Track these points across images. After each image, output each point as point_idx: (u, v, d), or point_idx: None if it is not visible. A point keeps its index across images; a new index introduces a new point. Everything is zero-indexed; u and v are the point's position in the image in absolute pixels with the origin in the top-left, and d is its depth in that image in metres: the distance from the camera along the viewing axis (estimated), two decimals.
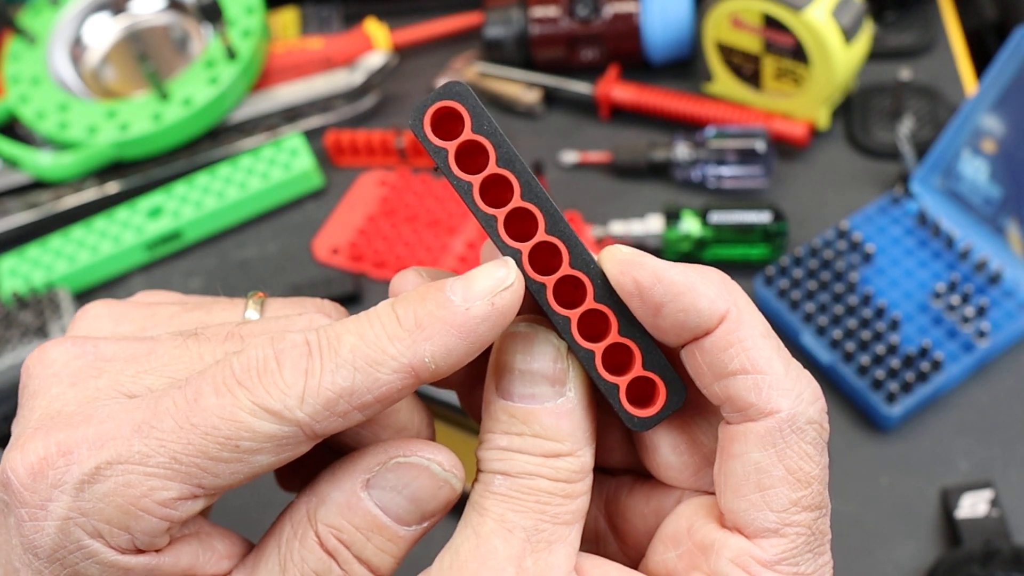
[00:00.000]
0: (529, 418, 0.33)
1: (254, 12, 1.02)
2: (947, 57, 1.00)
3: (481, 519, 0.32)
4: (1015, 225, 0.81)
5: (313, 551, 0.33)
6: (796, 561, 0.32)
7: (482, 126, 0.32)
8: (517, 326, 0.34)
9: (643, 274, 0.32)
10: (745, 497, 0.32)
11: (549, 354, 0.33)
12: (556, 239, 0.33)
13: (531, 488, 0.32)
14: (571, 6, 0.99)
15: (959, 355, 0.78)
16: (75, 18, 1.04)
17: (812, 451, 0.32)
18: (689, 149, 0.92)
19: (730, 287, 0.32)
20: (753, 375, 0.32)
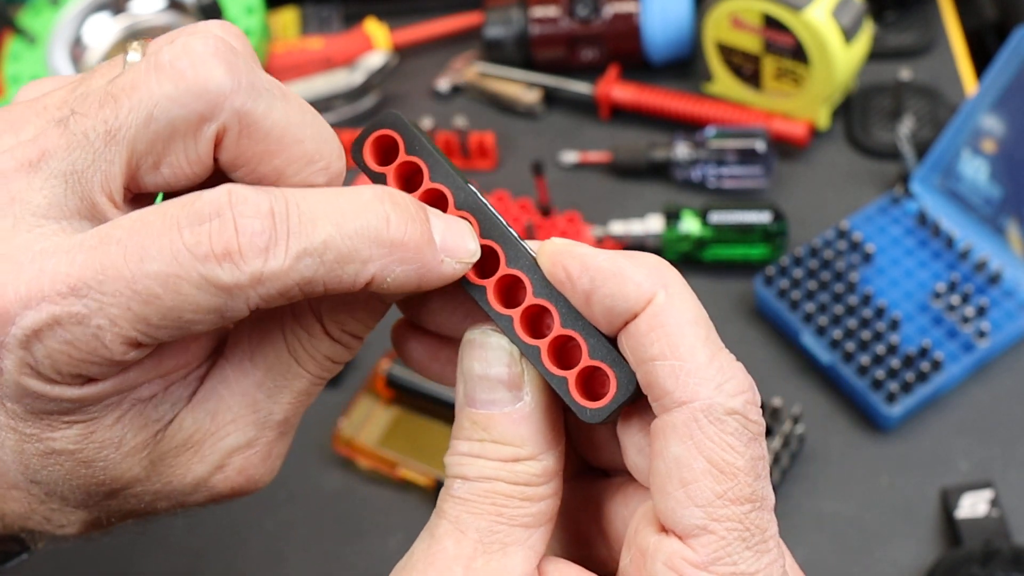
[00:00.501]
0: (488, 424, 0.33)
1: (254, 12, 1.02)
2: (947, 57, 1.00)
3: (437, 521, 0.33)
4: (1015, 225, 0.81)
5: (324, 340, 0.35)
6: (733, 560, 0.31)
7: (414, 148, 0.35)
8: (474, 333, 0.34)
9: (572, 262, 0.32)
10: (671, 495, 0.31)
11: (503, 359, 0.33)
12: (491, 242, 0.34)
13: (488, 491, 0.32)
14: (571, 6, 0.99)
15: (959, 355, 0.78)
16: (75, 18, 1.04)
17: (735, 442, 0.31)
18: (689, 149, 0.92)
19: (663, 272, 0.32)
20: (672, 361, 0.31)
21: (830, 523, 0.73)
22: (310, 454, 0.80)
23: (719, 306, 0.85)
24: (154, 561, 0.76)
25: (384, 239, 0.31)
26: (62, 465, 0.33)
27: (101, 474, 0.34)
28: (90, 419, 0.33)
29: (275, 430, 0.36)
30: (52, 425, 0.32)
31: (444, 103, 1.03)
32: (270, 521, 0.77)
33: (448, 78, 1.04)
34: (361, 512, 0.77)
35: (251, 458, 0.36)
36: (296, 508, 0.77)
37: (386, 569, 0.80)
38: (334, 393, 0.82)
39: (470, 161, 0.97)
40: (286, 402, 0.36)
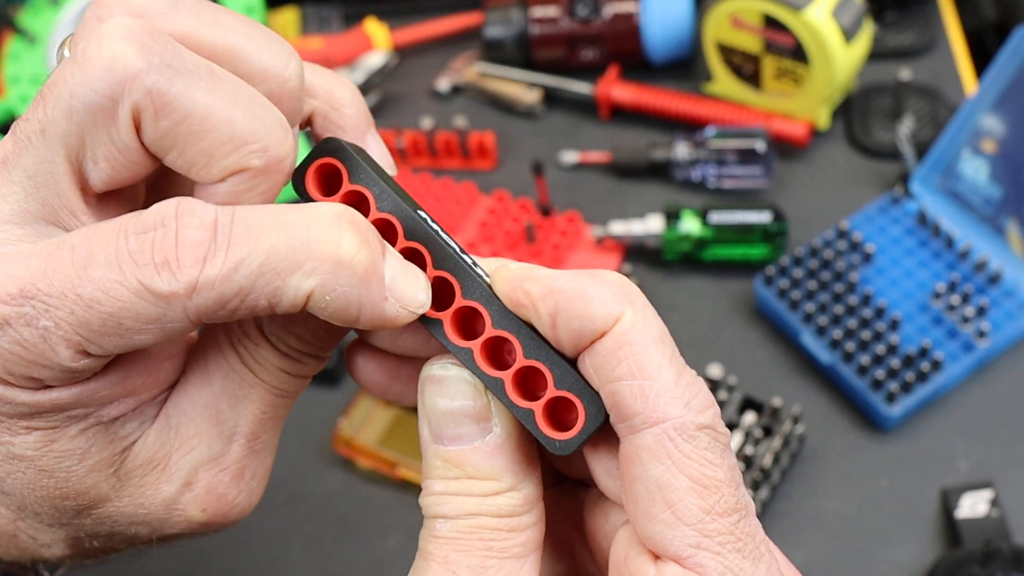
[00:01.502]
0: (460, 460, 0.32)
1: (254, 12, 1.02)
2: (947, 57, 1.00)
3: (426, 564, 0.32)
4: (1015, 225, 0.81)
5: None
6: (735, 573, 0.30)
7: (358, 176, 0.33)
8: (432, 368, 0.33)
9: (534, 287, 0.31)
10: (657, 518, 0.30)
11: (467, 392, 0.32)
12: (445, 272, 0.32)
13: (473, 527, 0.32)
14: (571, 6, 0.99)
15: (959, 355, 0.78)
16: (75, 18, 1.04)
17: (711, 456, 0.30)
18: (689, 149, 0.92)
19: (627, 290, 0.31)
20: (640, 381, 0.30)
21: (830, 523, 0.73)
22: (310, 454, 0.80)
23: (719, 306, 0.85)
24: (154, 561, 0.76)
25: (329, 255, 0.30)
26: (24, 472, 0.33)
27: (64, 486, 0.33)
28: (51, 427, 0.32)
29: (244, 446, 0.35)
30: (11, 429, 0.32)
31: (444, 103, 1.03)
32: (270, 521, 0.77)
33: (448, 78, 1.04)
34: (361, 512, 0.77)
35: (220, 476, 0.35)
36: (296, 508, 0.77)
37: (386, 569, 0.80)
38: (334, 393, 0.82)
39: (470, 161, 0.97)
40: (249, 414, 0.35)
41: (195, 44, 0.32)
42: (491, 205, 0.92)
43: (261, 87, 0.33)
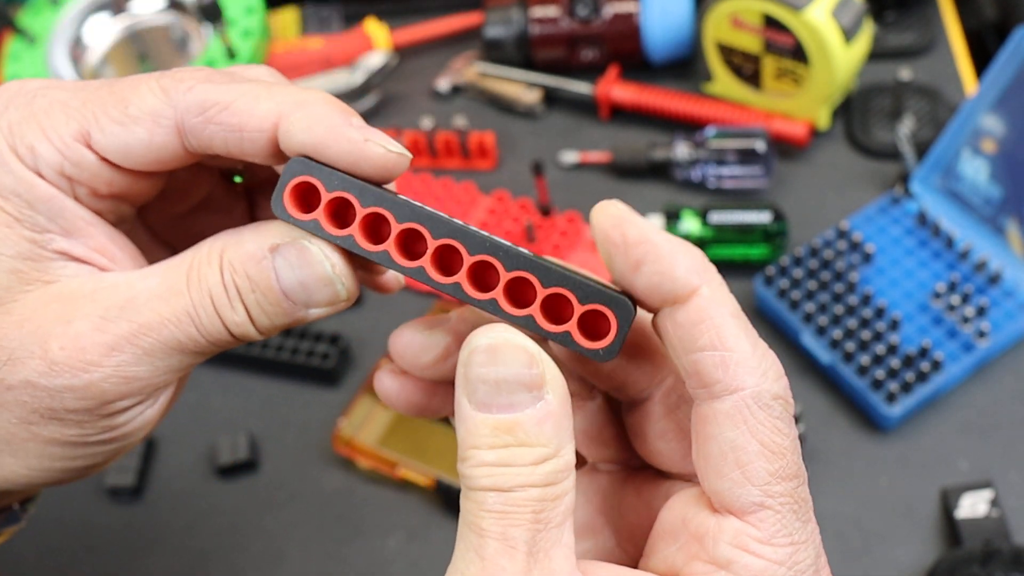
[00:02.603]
0: (514, 427, 0.32)
1: (254, 12, 1.02)
2: (947, 57, 1.00)
3: (482, 541, 0.32)
4: (1015, 225, 0.81)
5: (214, 275, 0.36)
6: (788, 532, 0.33)
7: (334, 184, 0.34)
8: (481, 338, 0.33)
9: (632, 231, 0.34)
10: (727, 476, 0.33)
11: (522, 360, 0.33)
12: (448, 239, 0.34)
13: (525, 500, 0.32)
14: (571, 6, 0.99)
15: (959, 355, 0.78)
16: (75, 18, 1.04)
17: (782, 424, 0.33)
18: (689, 149, 0.92)
19: (707, 266, 0.33)
20: (721, 352, 0.32)
21: (830, 523, 0.73)
22: (310, 454, 0.80)
23: None
24: (154, 561, 0.76)
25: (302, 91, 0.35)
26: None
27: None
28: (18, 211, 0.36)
29: (132, 330, 0.36)
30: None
31: (444, 103, 1.03)
32: (270, 521, 0.77)
33: (448, 78, 1.04)
34: (361, 512, 0.77)
35: (94, 333, 0.35)
36: (296, 508, 0.77)
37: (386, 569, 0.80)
38: (334, 393, 0.82)
39: (470, 161, 0.97)
40: (155, 312, 0.36)
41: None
42: (491, 205, 0.92)
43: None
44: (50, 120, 0.36)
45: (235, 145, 0.35)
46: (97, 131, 0.35)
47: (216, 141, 0.35)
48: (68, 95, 0.36)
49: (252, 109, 0.35)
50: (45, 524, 0.77)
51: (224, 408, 0.83)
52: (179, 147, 0.36)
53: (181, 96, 0.35)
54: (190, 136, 0.36)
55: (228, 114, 0.35)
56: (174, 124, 0.35)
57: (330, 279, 0.36)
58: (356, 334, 0.85)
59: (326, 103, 0.35)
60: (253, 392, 0.83)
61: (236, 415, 0.82)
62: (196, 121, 0.35)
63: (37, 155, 0.35)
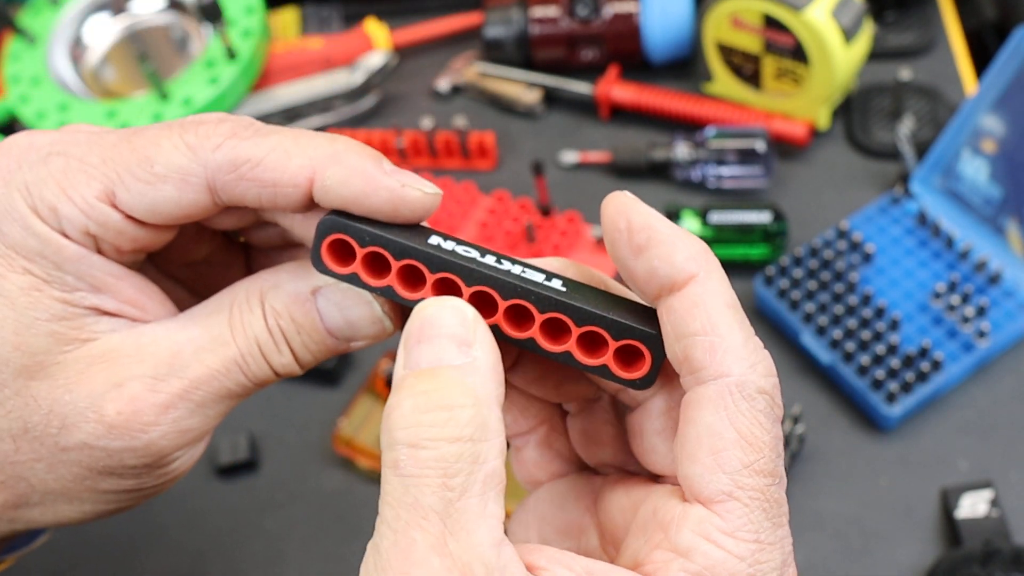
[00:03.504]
0: (434, 376, 0.32)
1: (254, 12, 1.02)
2: (947, 57, 1.00)
3: (394, 512, 0.31)
4: (1015, 225, 0.81)
5: (258, 321, 0.37)
6: (755, 528, 0.32)
7: (364, 240, 0.35)
8: (423, 306, 0.33)
9: (636, 217, 0.34)
10: (699, 461, 0.32)
11: (455, 318, 0.33)
12: (481, 287, 0.35)
13: (436, 459, 0.30)
14: (571, 6, 0.99)
15: (959, 355, 0.78)
16: (75, 18, 1.04)
17: (763, 419, 0.33)
18: (689, 149, 0.92)
19: (708, 255, 0.34)
20: (710, 337, 0.33)
21: (830, 523, 0.74)
22: (310, 454, 0.80)
23: None
24: (154, 561, 0.76)
25: (332, 144, 0.35)
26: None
27: (18, 332, 0.36)
28: (45, 278, 0.36)
29: (183, 385, 0.36)
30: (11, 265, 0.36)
31: (444, 103, 1.03)
32: (270, 521, 0.77)
33: (448, 78, 1.04)
34: (361, 512, 0.77)
35: (148, 393, 0.36)
36: (296, 508, 0.77)
37: None
38: (334, 393, 0.82)
39: (470, 161, 0.97)
40: (204, 365, 0.37)
41: None
42: (491, 205, 0.92)
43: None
44: (70, 181, 0.35)
45: (268, 200, 0.36)
46: (123, 191, 0.35)
47: (249, 196, 0.36)
48: (84, 151, 0.36)
49: (285, 165, 0.35)
50: None
51: None
52: (208, 203, 0.36)
53: (210, 155, 0.35)
54: (221, 193, 0.36)
55: (261, 170, 0.35)
56: (204, 182, 0.35)
57: (378, 318, 0.37)
58: None
59: (358, 153, 0.35)
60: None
61: (236, 415, 0.82)
62: (228, 179, 0.35)
63: (60, 216, 0.35)
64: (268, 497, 0.78)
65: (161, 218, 0.36)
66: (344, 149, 0.35)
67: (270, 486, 0.79)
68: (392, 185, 0.35)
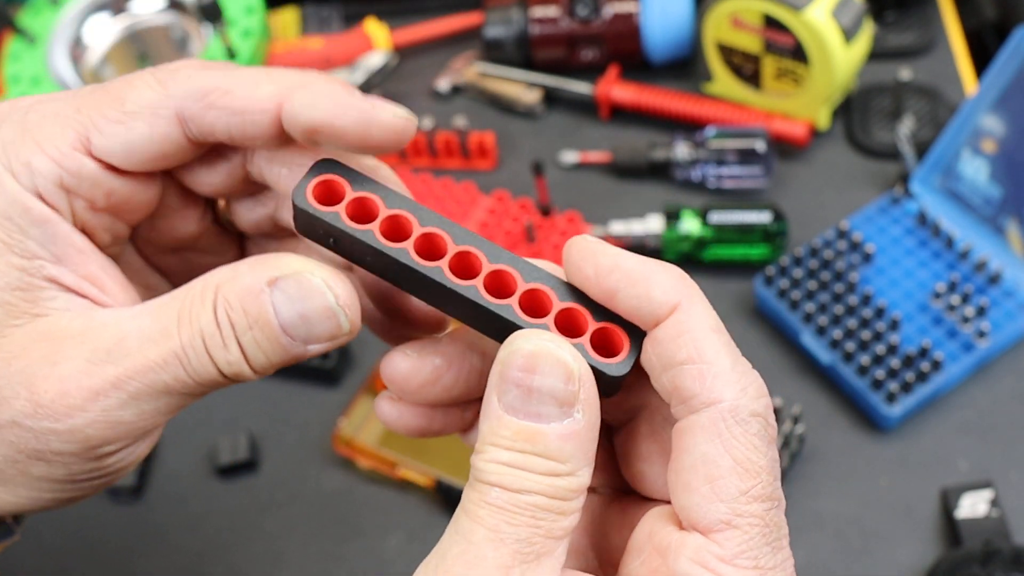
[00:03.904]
0: (536, 437, 0.32)
1: (254, 12, 1.02)
2: (947, 57, 1.00)
3: (473, 526, 0.32)
4: (1015, 225, 0.81)
5: (207, 313, 0.35)
6: (755, 555, 0.32)
7: (362, 185, 0.35)
8: (524, 338, 0.33)
9: (603, 259, 0.33)
10: (696, 491, 0.32)
11: (560, 374, 0.32)
12: (466, 247, 0.34)
13: (528, 504, 0.32)
14: (571, 6, 0.99)
15: (959, 355, 0.78)
16: (75, 18, 1.04)
17: (758, 443, 0.32)
18: (689, 149, 0.92)
19: (686, 282, 0.34)
20: (699, 364, 0.32)
21: (830, 523, 0.73)
22: (310, 454, 0.80)
23: (719, 306, 0.84)
24: (154, 561, 0.76)
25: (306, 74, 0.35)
26: None
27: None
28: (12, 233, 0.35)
29: (118, 373, 0.35)
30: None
31: (444, 103, 1.03)
32: (270, 521, 0.77)
33: (448, 78, 1.04)
34: (361, 512, 0.77)
35: (80, 374, 0.34)
36: (296, 508, 0.77)
37: (386, 569, 0.80)
38: (334, 393, 0.82)
39: (470, 161, 0.97)
40: (142, 354, 0.35)
41: None
42: (491, 205, 0.92)
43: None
44: (44, 132, 0.35)
45: (238, 129, 0.35)
46: (96, 134, 0.35)
47: (218, 126, 0.35)
48: (61, 105, 0.35)
49: (253, 92, 0.35)
50: (45, 524, 0.77)
51: (224, 408, 0.83)
52: (181, 138, 0.35)
53: (179, 85, 0.35)
54: (191, 123, 0.35)
55: (230, 98, 0.35)
56: (174, 114, 0.35)
57: (333, 311, 0.35)
58: None
59: (326, 80, 0.35)
60: (253, 392, 0.83)
61: (236, 415, 0.82)
62: (197, 107, 0.35)
63: (34, 171, 0.34)
64: (268, 497, 0.78)
65: (137, 159, 0.35)
66: (314, 77, 0.35)
67: (270, 486, 0.79)
68: (362, 106, 0.34)
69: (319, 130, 0.34)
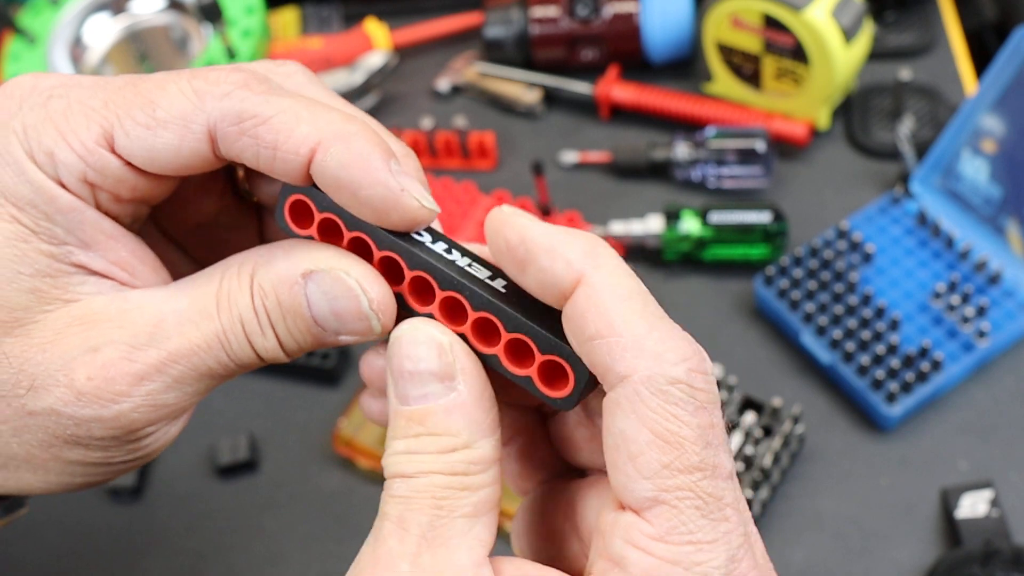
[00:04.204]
0: (424, 418, 0.32)
1: (254, 12, 1.02)
2: (947, 57, 1.00)
3: (380, 523, 0.32)
4: (1015, 225, 0.81)
5: (244, 298, 0.35)
6: (688, 530, 0.30)
7: (324, 205, 0.35)
8: (399, 329, 0.33)
9: (511, 233, 0.32)
10: (621, 469, 0.31)
11: (433, 351, 0.33)
12: (421, 272, 0.34)
13: (427, 485, 0.32)
14: (571, 6, 0.99)
15: (959, 355, 0.78)
16: (75, 18, 1.04)
17: (679, 411, 0.30)
18: (689, 149, 0.92)
19: (594, 249, 0.32)
20: (608, 338, 0.31)
21: (830, 523, 0.73)
22: (310, 454, 0.80)
23: (719, 306, 0.85)
24: (154, 561, 0.76)
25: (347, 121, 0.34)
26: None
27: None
28: (31, 228, 0.34)
29: (161, 357, 0.35)
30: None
31: (444, 103, 1.03)
32: (270, 521, 0.77)
33: (448, 78, 1.04)
34: (361, 512, 0.77)
35: (122, 362, 0.34)
36: (296, 508, 0.77)
37: None
38: (334, 393, 0.82)
39: (470, 161, 0.97)
40: (186, 338, 0.35)
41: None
42: (491, 205, 0.92)
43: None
44: (69, 123, 0.34)
45: (266, 162, 0.34)
46: (122, 135, 0.34)
47: (247, 154, 0.34)
48: (87, 94, 0.34)
49: (291, 130, 0.33)
50: (45, 524, 0.77)
51: (224, 408, 0.83)
52: (208, 154, 0.34)
53: (216, 102, 0.33)
54: (221, 144, 0.34)
55: (265, 129, 0.33)
56: (205, 130, 0.34)
57: (365, 315, 0.34)
58: None
59: (368, 140, 0.33)
60: (253, 392, 0.83)
61: (236, 415, 0.82)
62: (230, 131, 0.33)
63: (57, 162, 0.33)
64: (268, 497, 0.78)
65: (160, 166, 0.34)
66: (356, 132, 0.33)
67: (270, 486, 0.79)
68: (392, 184, 0.33)
69: (342, 190, 0.33)
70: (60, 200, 0.34)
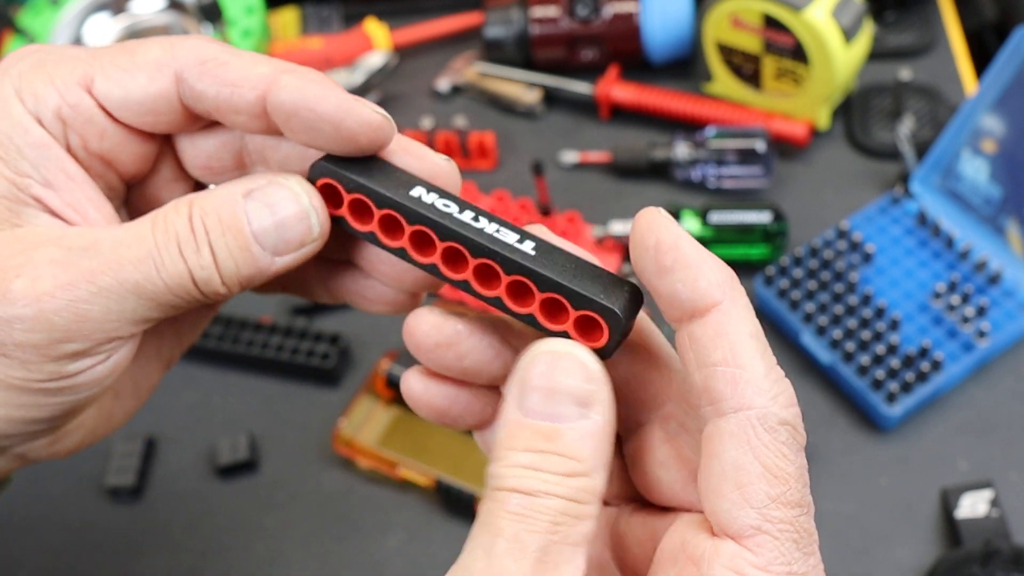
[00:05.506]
0: (554, 437, 0.32)
1: (254, 12, 1.02)
2: (947, 57, 1.00)
3: (493, 539, 0.32)
4: (1015, 225, 0.81)
5: (182, 219, 0.36)
6: (787, 561, 0.32)
7: (350, 185, 0.36)
8: (547, 343, 0.34)
9: (666, 236, 0.33)
10: (726, 496, 0.32)
11: (580, 374, 0.33)
12: (452, 243, 0.35)
13: (547, 508, 0.32)
14: (571, 6, 0.99)
15: (959, 355, 0.78)
16: (75, 18, 1.04)
17: (787, 450, 0.33)
18: (689, 149, 0.92)
19: (733, 283, 0.33)
20: (732, 368, 0.32)
21: (830, 523, 0.73)
22: (310, 454, 0.80)
23: None
24: (154, 561, 0.76)
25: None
26: None
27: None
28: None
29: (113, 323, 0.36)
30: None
31: (444, 103, 1.03)
32: (270, 521, 0.77)
33: (448, 78, 1.04)
34: (361, 512, 0.77)
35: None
36: (296, 508, 0.77)
37: (386, 569, 0.80)
38: (334, 393, 0.82)
39: (470, 161, 0.97)
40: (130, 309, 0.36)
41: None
42: (491, 205, 0.92)
43: None
44: (58, 69, 0.37)
45: (225, 100, 0.36)
46: (101, 77, 0.37)
47: (209, 94, 0.36)
48: (79, 51, 0.38)
49: (248, 68, 0.36)
50: (45, 524, 0.77)
51: (224, 408, 0.83)
52: (175, 98, 0.37)
53: (185, 49, 0.37)
54: (185, 86, 0.37)
55: (224, 69, 0.36)
56: (174, 73, 0.37)
57: (305, 212, 0.36)
58: (356, 334, 0.85)
59: (318, 73, 0.36)
60: (253, 392, 0.83)
61: (236, 415, 0.82)
62: (194, 71, 0.36)
63: (39, 99, 0.37)
64: (268, 497, 0.78)
65: (132, 110, 0.37)
66: (306, 69, 0.36)
67: (270, 486, 0.79)
68: (344, 97, 0.35)
69: (298, 113, 0.35)
70: (32, 134, 0.36)
